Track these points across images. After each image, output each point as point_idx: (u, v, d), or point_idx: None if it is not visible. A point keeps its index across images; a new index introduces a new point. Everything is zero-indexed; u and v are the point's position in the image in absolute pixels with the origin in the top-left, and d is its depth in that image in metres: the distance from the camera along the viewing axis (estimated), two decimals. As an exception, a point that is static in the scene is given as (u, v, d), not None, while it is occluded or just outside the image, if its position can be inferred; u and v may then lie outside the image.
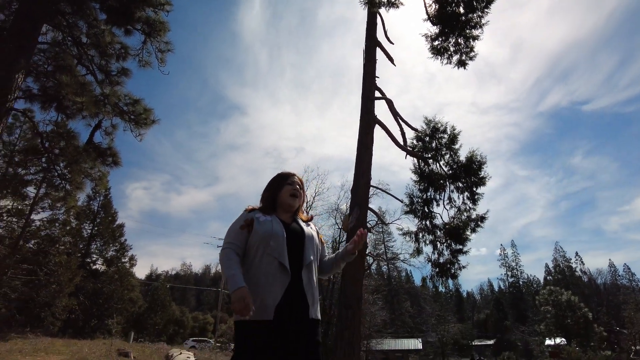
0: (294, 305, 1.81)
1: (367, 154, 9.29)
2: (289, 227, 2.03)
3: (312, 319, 1.84)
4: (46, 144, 8.69)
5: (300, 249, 1.94)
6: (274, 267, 1.85)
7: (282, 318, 1.77)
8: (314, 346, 1.80)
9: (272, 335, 1.73)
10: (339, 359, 7.73)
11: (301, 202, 2.23)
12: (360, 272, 8.39)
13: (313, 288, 1.90)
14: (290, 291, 1.82)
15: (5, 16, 8.07)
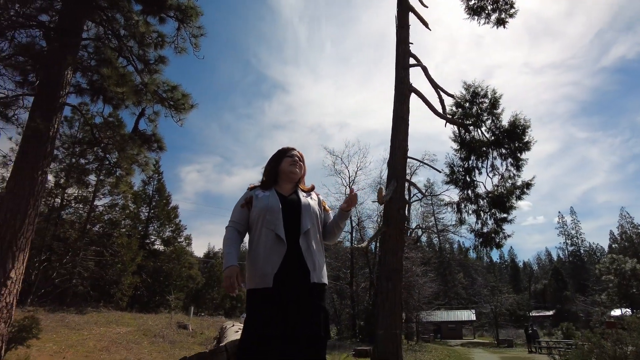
0: (293, 272, 1.88)
1: (403, 125, 9.08)
2: (286, 199, 2.10)
3: (314, 283, 1.90)
4: (97, 134, 9.29)
5: (297, 218, 2.00)
6: (271, 238, 1.93)
7: (282, 285, 1.85)
8: (315, 309, 1.86)
9: (274, 301, 1.82)
10: (381, 330, 7.85)
11: (302, 173, 2.30)
12: (400, 244, 8.35)
13: (313, 254, 1.95)
14: (288, 259, 1.89)
15: (50, 17, 8.55)
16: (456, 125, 9.36)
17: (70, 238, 20.28)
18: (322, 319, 1.86)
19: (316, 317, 1.84)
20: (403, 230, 8.54)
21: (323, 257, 2.05)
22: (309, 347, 1.77)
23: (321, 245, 2.08)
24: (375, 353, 7.89)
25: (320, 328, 1.83)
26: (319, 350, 1.82)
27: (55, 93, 8.38)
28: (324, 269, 2.03)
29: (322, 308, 1.90)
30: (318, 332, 1.81)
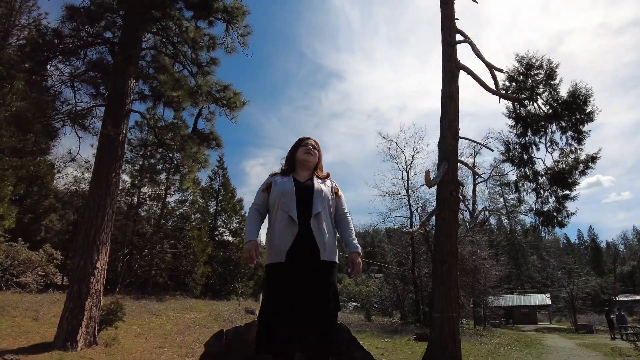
0: (305, 249, 2.08)
1: (452, 104, 8.83)
2: (301, 184, 2.29)
3: (324, 260, 2.06)
4: (160, 136, 10.09)
5: (309, 202, 2.18)
6: (285, 219, 2.15)
7: (294, 260, 2.05)
8: (324, 284, 2.04)
9: (286, 274, 2.05)
10: (437, 313, 7.82)
11: (317, 160, 2.47)
12: (453, 227, 8.20)
13: (323, 235, 2.12)
14: (300, 238, 2.09)
15: (112, 33, 9.37)
16: (510, 100, 8.89)
17: (147, 233, 22.17)
18: (331, 294, 2.02)
19: (325, 291, 2.00)
20: (457, 213, 8.37)
21: (333, 238, 2.20)
22: (318, 316, 1.94)
23: (332, 227, 2.23)
24: (432, 336, 7.89)
25: (329, 300, 1.98)
26: (327, 319, 1.97)
27: (122, 101, 9.25)
28: (335, 248, 2.17)
29: (332, 283, 2.05)
30: (327, 304, 1.97)
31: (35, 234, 17.53)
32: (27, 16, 25.07)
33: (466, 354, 10.06)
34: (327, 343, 1.94)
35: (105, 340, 7.97)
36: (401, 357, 9.03)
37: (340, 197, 2.41)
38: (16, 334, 8.55)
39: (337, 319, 2.06)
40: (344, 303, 25.70)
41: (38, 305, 11.06)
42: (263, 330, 2.00)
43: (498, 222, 54.07)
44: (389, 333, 14.06)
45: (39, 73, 8.61)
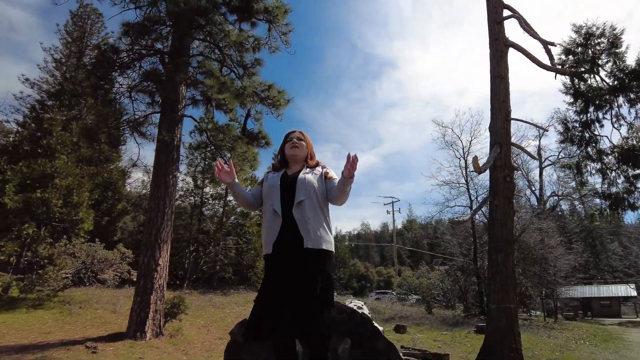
0: (289, 239, 2.11)
1: (502, 85, 8.34)
2: (287, 177, 2.32)
3: (307, 248, 2.07)
4: (211, 138, 10.58)
5: (292, 192, 2.19)
6: (271, 212, 2.22)
7: (280, 251, 2.12)
8: (308, 272, 2.04)
9: (274, 264, 2.13)
10: (494, 305, 7.48)
11: (304, 152, 2.48)
12: (509, 214, 7.76)
13: (307, 222, 2.12)
14: (285, 229, 2.13)
15: (162, 44, 9.96)
16: (567, 75, 8.19)
17: (211, 231, 23.38)
18: (319, 280, 2.01)
19: (310, 278, 2.01)
20: (512, 200, 7.91)
21: (321, 225, 2.17)
22: (304, 303, 1.96)
23: (321, 214, 2.21)
24: (489, 328, 7.56)
25: (315, 287, 1.99)
26: (313, 306, 1.98)
27: (175, 107, 9.83)
28: (323, 235, 2.15)
29: (319, 270, 2.05)
30: (313, 291, 1.97)
31: (112, 235, 19.20)
32: (96, 36, 27.40)
33: (530, 347, 9.52)
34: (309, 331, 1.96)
35: (170, 332, 8.58)
36: (458, 349, 8.76)
37: (331, 178, 2.38)
38: (97, 325, 9.47)
39: (326, 307, 2.04)
40: (405, 296, 25.32)
41: (115, 299, 12.13)
42: (251, 318, 2.06)
43: (571, 208, 50.08)
44: (449, 326, 13.65)
45: (101, 87, 9.39)
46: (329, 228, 2.26)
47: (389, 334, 11.05)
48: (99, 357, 6.21)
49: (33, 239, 11.24)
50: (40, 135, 12.28)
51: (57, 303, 10.90)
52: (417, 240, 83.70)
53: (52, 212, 11.36)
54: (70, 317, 9.92)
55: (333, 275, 2.19)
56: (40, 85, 24.23)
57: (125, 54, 9.54)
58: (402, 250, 73.19)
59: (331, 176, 2.39)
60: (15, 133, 12.97)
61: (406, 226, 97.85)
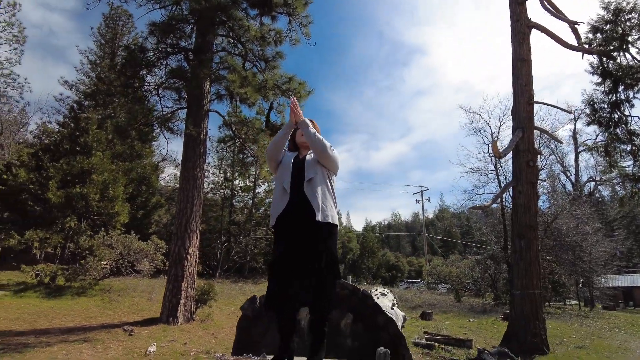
0: (298, 214, 2.26)
1: (524, 68, 8.16)
2: (298, 159, 2.48)
3: (319, 221, 2.22)
4: (236, 131, 10.89)
5: (302, 172, 2.36)
6: (280, 189, 2.40)
7: (288, 224, 2.29)
8: (318, 243, 2.20)
9: (282, 238, 2.32)
10: (517, 291, 7.44)
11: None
12: (532, 200, 7.65)
13: (318, 198, 2.28)
14: (292, 205, 2.29)
15: (186, 41, 10.30)
16: (595, 54, 7.89)
17: (241, 222, 24.00)
18: (326, 256, 2.17)
19: (320, 253, 2.17)
20: (535, 184, 7.77)
21: (330, 202, 2.35)
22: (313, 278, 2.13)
23: (329, 192, 2.39)
24: (512, 315, 7.53)
25: (322, 262, 2.15)
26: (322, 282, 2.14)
27: (200, 103, 10.19)
28: (331, 211, 2.32)
29: (326, 246, 2.21)
30: (320, 265, 2.14)
31: (147, 227, 20.09)
32: (127, 37, 28.42)
33: (559, 334, 9.37)
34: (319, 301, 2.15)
35: (200, 317, 9.02)
36: (483, 335, 8.75)
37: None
38: (134, 311, 10.06)
39: (331, 280, 2.19)
40: (434, 285, 25.14)
41: (151, 288, 12.79)
42: (268, 288, 2.25)
43: (612, 193, 47.80)
44: (477, 313, 13.54)
45: (131, 86, 9.85)
46: (335, 204, 2.43)
47: (414, 320, 11.12)
48: (135, 339, 6.65)
49: (75, 231, 11.99)
50: (78, 134, 13.00)
51: (98, 291, 11.64)
52: (449, 229, 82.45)
53: (91, 206, 12.06)
54: (110, 303, 10.58)
55: (335, 248, 2.34)
56: (78, 86, 25.50)
57: (152, 53, 9.94)
58: (434, 240, 72.26)
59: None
60: (56, 133, 13.78)
61: (438, 215, 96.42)
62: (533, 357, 6.61)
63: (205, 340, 7.00)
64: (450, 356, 6.48)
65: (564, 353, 7.18)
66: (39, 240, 11.08)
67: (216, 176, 26.26)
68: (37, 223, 11.39)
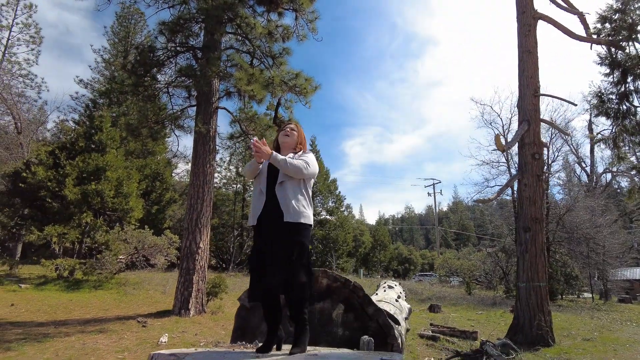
0: (271, 214, 2.44)
1: (530, 60, 8.11)
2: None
3: (287, 222, 2.39)
4: (244, 127, 11.07)
5: (277, 174, 2.51)
6: (257, 191, 2.57)
7: (263, 224, 2.46)
8: (287, 241, 2.36)
9: (258, 235, 2.49)
10: (522, 283, 7.47)
11: (294, 140, 2.77)
12: (538, 192, 7.64)
13: (287, 199, 2.43)
14: (269, 205, 2.47)
15: (194, 41, 10.48)
16: (603, 44, 7.80)
17: (251, 218, 24.37)
18: (296, 249, 2.33)
19: (288, 247, 2.33)
20: (541, 177, 7.76)
21: (299, 202, 2.48)
22: (283, 268, 2.28)
23: (300, 193, 2.53)
24: (518, 307, 7.57)
25: (292, 255, 2.30)
26: (292, 271, 2.30)
27: (209, 100, 10.38)
28: (302, 210, 2.46)
29: (297, 241, 2.37)
30: (290, 258, 2.29)
31: (161, 222, 20.53)
32: (140, 35, 28.86)
33: (567, 326, 9.36)
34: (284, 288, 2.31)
35: (212, 309, 9.27)
36: (490, 328, 8.80)
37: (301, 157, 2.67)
38: (149, 303, 10.38)
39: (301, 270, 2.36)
40: (446, 278, 25.14)
41: (165, 281, 13.14)
42: (250, 281, 2.42)
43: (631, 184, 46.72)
44: (486, 306, 13.56)
45: (141, 85, 10.08)
46: (308, 204, 2.56)
47: (422, 313, 11.22)
48: (148, 330, 6.92)
49: (91, 226, 12.38)
50: (93, 131, 13.36)
51: (114, 284, 12.02)
52: (463, 222, 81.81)
53: (106, 202, 12.42)
54: (126, 296, 10.94)
55: (307, 243, 2.49)
56: (93, 85, 26.08)
57: (161, 52, 10.16)
58: (447, 233, 71.82)
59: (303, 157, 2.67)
60: (72, 131, 14.17)
61: (452, 208, 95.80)
62: (537, 349, 6.66)
63: (215, 332, 7.23)
64: (454, 348, 6.57)
65: (569, 345, 7.20)
66: (57, 235, 11.48)
67: (228, 171, 26.65)
68: (55, 219, 11.80)
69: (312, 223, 2.55)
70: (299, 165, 2.48)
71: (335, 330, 2.86)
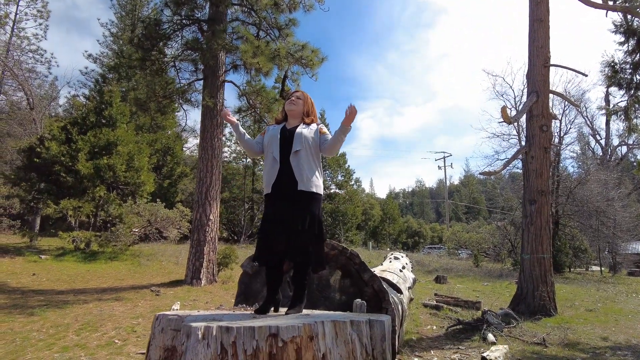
0: (286, 182, 2.50)
1: (541, 29, 7.90)
2: (286, 130, 2.66)
3: (301, 190, 2.45)
4: (251, 101, 11.07)
5: (290, 143, 2.55)
6: (271, 158, 2.61)
7: (278, 191, 2.52)
8: (300, 209, 2.44)
9: (272, 203, 2.55)
10: (527, 255, 7.54)
11: (300, 108, 2.78)
12: (544, 165, 7.61)
13: (302, 169, 2.49)
14: (282, 173, 2.52)
15: (200, 13, 10.37)
16: (619, 11, 7.55)
17: (263, 190, 24.66)
18: (308, 218, 2.41)
19: (302, 215, 2.41)
20: (548, 150, 7.70)
21: (314, 172, 2.55)
22: (294, 234, 2.38)
23: (313, 163, 2.58)
24: (521, 278, 7.68)
25: (305, 223, 2.39)
26: (302, 239, 2.40)
27: (216, 74, 10.37)
28: (314, 180, 2.53)
29: (309, 211, 2.44)
30: (303, 225, 2.38)
31: (173, 196, 20.92)
32: (146, 8, 28.51)
33: (571, 298, 9.48)
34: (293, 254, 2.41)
35: (222, 279, 9.59)
36: (493, 298, 8.97)
37: (324, 133, 2.71)
38: (162, 274, 10.75)
39: (316, 239, 2.45)
40: (455, 250, 25.34)
41: (178, 253, 13.53)
42: (257, 245, 2.53)
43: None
44: (493, 278, 13.72)
45: (148, 59, 10.09)
46: (320, 175, 2.64)
47: (428, 284, 11.43)
48: (161, 299, 7.22)
49: (104, 200, 12.70)
50: (103, 106, 13.50)
51: (128, 256, 12.44)
52: (474, 195, 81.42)
53: (118, 176, 12.68)
54: (140, 267, 11.33)
55: (319, 212, 2.56)
56: (102, 59, 26.07)
57: (167, 25, 10.11)
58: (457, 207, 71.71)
59: (325, 131, 2.73)
60: (83, 106, 14.33)
61: (463, 182, 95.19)
62: (539, 319, 6.79)
63: (226, 300, 7.50)
64: (457, 317, 6.75)
65: (571, 315, 7.33)
66: (72, 209, 11.83)
67: (238, 145, 26.77)
68: (70, 193, 12.13)
69: (322, 193, 2.63)
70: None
71: (333, 295, 3.00)
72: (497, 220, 27.95)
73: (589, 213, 16.12)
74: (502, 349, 4.40)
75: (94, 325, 5.05)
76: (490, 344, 4.80)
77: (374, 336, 1.97)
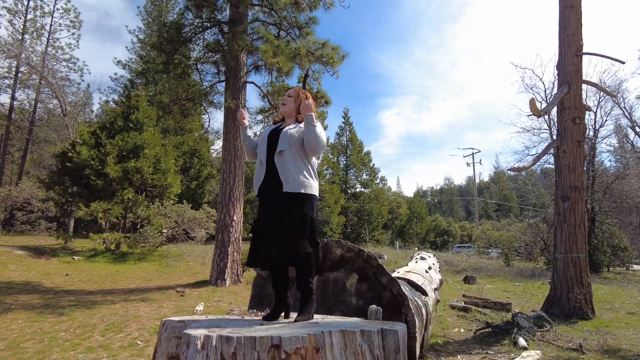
0: (270, 184, 2.43)
1: (573, 15, 7.51)
2: (276, 130, 2.56)
3: (286, 192, 2.36)
4: (272, 101, 11.07)
5: (276, 144, 2.45)
6: (259, 160, 2.56)
7: (265, 193, 2.47)
8: (287, 211, 2.35)
9: (261, 205, 2.51)
10: (560, 254, 7.18)
11: (290, 108, 2.66)
12: (578, 159, 7.21)
13: (286, 170, 2.39)
14: (269, 175, 2.45)
15: (221, 15, 10.44)
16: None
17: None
18: (298, 220, 2.30)
19: (288, 217, 2.31)
20: (582, 143, 7.30)
21: (301, 171, 2.42)
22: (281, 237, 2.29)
23: (302, 162, 2.46)
24: (554, 278, 7.31)
25: (291, 225, 2.29)
26: (294, 242, 2.29)
27: (237, 75, 10.42)
28: (302, 180, 2.41)
29: (298, 212, 2.34)
30: (290, 227, 2.28)
31: (201, 197, 21.27)
32: (172, 13, 29.16)
33: (610, 299, 8.97)
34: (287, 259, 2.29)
35: (247, 279, 9.62)
36: (525, 299, 8.59)
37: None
38: (189, 274, 10.91)
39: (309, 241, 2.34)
40: (484, 249, 24.62)
41: (205, 253, 13.71)
42: (249, 249, 2.45)
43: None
44: (525, 277, 13.20)
45: (171, 62, 10.24)
46: (311, 174, 2.49)
47: (457, 284, 11.10)
48: (185, 299, 7.29)
49: (133, 202, 13.01)
50: (130, 111, 13.85)
51: (156, 257, 12.70)
52: (504, 193, 79.17)
53: (145, 178, 12.97)
54: (167, 268, 11.54)
55: (311, 214, 2.44)
56: (130, 65, 26.84)
57: (189, 29, 10.23)
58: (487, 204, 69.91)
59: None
60: (111, 111, 14.76)
61: (493, 178, 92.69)
62: (574, 322, 6.44)
63: (248, 301, 7.50)
64: (486, 319, 6.48)
65: (611, 318, 6.91)
66: (102, 211, 12.18)
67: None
68: (100, 195, 12.50)
69: (315, 193, 2.48)
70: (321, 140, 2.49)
71: (349, 300, 2.88)
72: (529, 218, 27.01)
73: (628, 209, 15.28)
74: (534, 355, 4.16)
75: (118, 326, 5.13)
76: (522, 349, 4.56)
77: (387, 347, 1.85)
